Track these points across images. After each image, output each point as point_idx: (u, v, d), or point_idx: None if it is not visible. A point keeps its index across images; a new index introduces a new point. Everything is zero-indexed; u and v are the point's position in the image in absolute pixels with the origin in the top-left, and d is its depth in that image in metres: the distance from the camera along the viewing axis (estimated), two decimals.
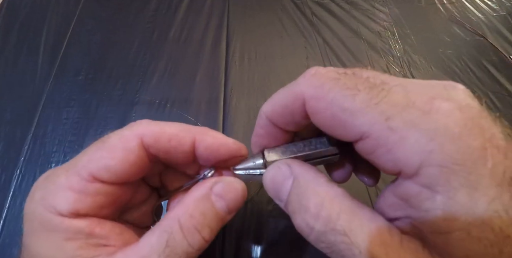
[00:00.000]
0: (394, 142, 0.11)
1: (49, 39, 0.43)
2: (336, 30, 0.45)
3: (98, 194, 0.15)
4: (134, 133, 0.16)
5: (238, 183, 0.17)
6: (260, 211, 0.30)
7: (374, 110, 0.12)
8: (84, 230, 0.14)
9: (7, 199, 0.31)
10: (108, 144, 0.15)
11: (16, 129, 0.35)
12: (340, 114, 0.13)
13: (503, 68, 0.42)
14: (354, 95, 0.12)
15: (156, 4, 0.48)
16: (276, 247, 0.28)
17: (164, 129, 0.16)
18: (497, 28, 0.47)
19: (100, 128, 0.35)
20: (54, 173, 0.16)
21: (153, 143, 0.16)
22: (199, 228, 0.15)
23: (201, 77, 0.40)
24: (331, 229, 0.13)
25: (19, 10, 0.46)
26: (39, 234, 0.14)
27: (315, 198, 0.14)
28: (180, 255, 0.14)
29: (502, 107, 0.38)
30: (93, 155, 0.15)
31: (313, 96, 0.13)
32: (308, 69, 0.15)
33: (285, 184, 0.15)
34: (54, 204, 0.14)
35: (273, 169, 0.16)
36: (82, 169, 0.15)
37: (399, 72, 0.41)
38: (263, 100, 0.39)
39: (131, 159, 0.15)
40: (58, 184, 0.15)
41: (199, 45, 0.43)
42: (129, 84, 0.39)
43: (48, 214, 0.14)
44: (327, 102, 0.13)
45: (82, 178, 0.15)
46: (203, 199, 0.16)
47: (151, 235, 0.15)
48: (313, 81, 0.14)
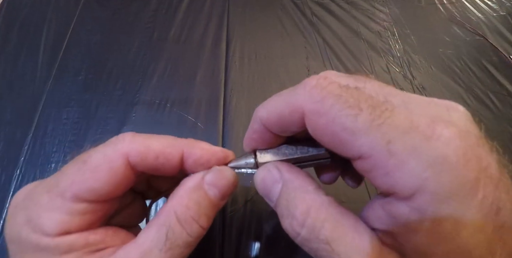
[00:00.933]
0: (393, 166, 0.11)
1: (49, 39, 0.43)
2: (336, 30, 0.45)
3: (86, 213, 0.15)
4: (118, 152, 0.15)
5: (228, 170, 0.17)
6: (260, 211, 0.30)
7: (376, 132, 0.12)
8: (77, 242, 0.14)
9: (7, 199, 0.31)
10: (91, 165, 0.15)
11: (16, 129, 0.35)
12: (341, 133, 0.12)
13: (503, 68, 0.42)
14: (356, 115, 0.12)
15: (156, 4, 0.48)
16: (276, 246, 0.28)
17: (150, 146, 0.15)
18: (497, 28, 0.47)
19: (100, 128, 0.35)
20: (35, 192, 0.15)
21: (140, 161, 0.15)
22: (196, 217, 0.15)
23: (201, 77, 0.40)
24: (315, 237, 0.13)
25: (19, 10, 0.46)
26: (32, 255, 0.14)
27: (302, 205, 0.14)
28: (181, 246, 0.15)
29: (502, 107, 0.38)
30: (75, 176, 0.15)
31: (313, 112, 0.13)
32: (308, 79, 0.14)
33: (275, 187, 0.15)
34: (40, 226, 0.14)
35: (264, 172, 0.16)
36: (66, 191, 0.14)
37: (399, 72, 0.41)
38: (263, 100, 0.39)
39: (117, 179, 0.15)
40: (41, 204, 0.14)
41: (199, 45, 0.43)
42: (129, 84, 0.39)
43: (35, 235, 0.14)
44: (328, 120, 0.13)
45: (66, 199, 0.14)
46: (196, 189, 0.16)
47: (150, 230, 0.15)
48: (313, 95, 0.13)
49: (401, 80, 0.41)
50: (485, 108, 0.38)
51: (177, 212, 0.15)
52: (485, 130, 0.13)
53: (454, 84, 0.40)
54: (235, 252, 0.28)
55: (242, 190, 0.31)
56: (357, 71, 0.41)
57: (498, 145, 0.13)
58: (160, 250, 0.14)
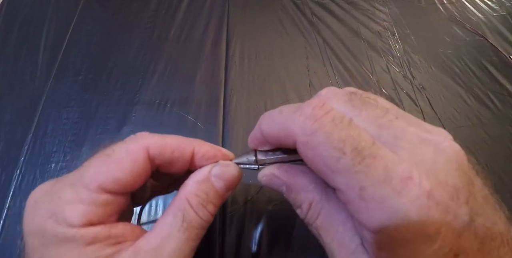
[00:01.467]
0: (361, 207, 0.13)
1: (49, 39, 0.43)
2: (336, 30, 0.45)
3: (107, 204, 0.16)
4: (140, 145, 0.17)
5: (232, 165, 0.19)
6: (260, 211, 0.30)
7: (352, 177, 0.13)
8: (100, 234, 0.15)
9: (7, 199, 0.31)
10: (115, 157, 0.16)
11: (16, 129, 0.35)
12: (323, 168, 0.14)
13: (503, 68, 0.42)
14: (339, 158, 0.13)
15: (156, 4, 0.48)
16: (276, 246, 0.28)
17: (168, 141, 0.18)
18: (497, 28, 0.47)
19: (100, 128, 0.35)
20: (56, 187, 0.16)
21: (158, 154, 0.17)
22: (204, 204, 0.17)
23: (201, 77, 0.40)
24: (311, 224, 0.17)
25: (19, 10, 0.46)
26: (57, 246, 0.15)
27: (305, 203, 0.17)
28: (196, 227, 0.17)
29: (502, 107, 0.38)
30: (101, 168, 0.16)
31: (303, 144, 0.14)
32: (305, 106, 0.14)
33: (281, 189, 0.18)
34: (65, 218, 0.15)
35: (266, 179, 0.18)
36: (91, 182, 0.15)
37: (399, 72, 0.41)
38: (263, 100, 0.39)
39: (138, 170, 0.16)
40: (65, 198, 0.15)
41: (199, 45, 0.43)
42: (129, 84, 0.39)
43: (60, 227, 0.15)
44: (314, 154, 0.14)
45: (91, 191, 0.15)
46: (204, 181, 0.18)
47: (166, 218, 0.17)
48: (305, 127, 0.14)
49: (401, 80, 0.41)
50: (485, 108, 0.38)
51: (188, 199, 0.17)
52: (485, 130, 0.14)
53: (454, 84, 0.40)
54: (235, 252, 0.28)
55: (242, 190, 0.31)
56: (357, 71, 0.41)
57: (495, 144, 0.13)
58: (179, 230, 0.16)
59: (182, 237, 0.16)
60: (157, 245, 0.16)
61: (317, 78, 0.40)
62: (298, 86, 0.39)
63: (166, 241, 0.16)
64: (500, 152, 0.34)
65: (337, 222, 0.16)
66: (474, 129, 0.36)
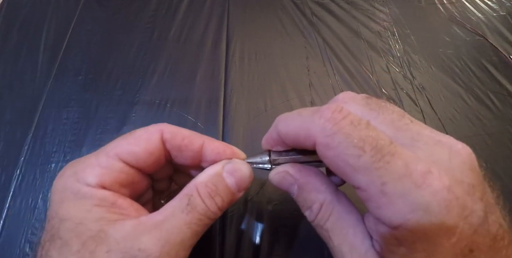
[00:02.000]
0: (383, 203, 0.13)
1: (49, 39, 0.43)
2: (336, 30, 0.45)
3: (121, 172, 0.18)
4: (156, 128, 0.19)
5: (245, 164, 0.19)
6: (260, 211, 0.30)
7: (373, 173, 0.13)
8: (109, 198, 0.17)
9: (7, 199, 0.31)
10: (135, 134, 0.19)
11: (16, 129, 0.35)
12: (344, 167, 0.14)
13: (503, 68, 0.42)
14: (359, 156, 0.14)
15: (156, 4, 0.48)
16: (276, 246, 0.28)
17: (180, 130, 0.19)
18: (497, 28, 0.47)
19: (100, 128, 0.35)
20: (85, 157, 0.19)
21: (170, 138, 0.19)
22: (213, 195, 0.18)
23: (201, 77, 0.40)
24: (321, 226, 0.17)
25: (19, 10, 0.46)
26: (70, 201, 0.17)
27: (316, 204, 0.17)
28: (201, 213, 0.17)
29: (502, 107, 0.38)
30: (121, 141, 0.18)
31: (323, 144, 0.15)
32: (325, 110, 0.15)
33: (292, 188, 0.18)
34: (83, 177, 0.17)
35: (279, 177, 0.19)
36: (110, 150, 0.18)
37: (399, 72, 0.41)
38: (263, 100, 0.39)
39: (151, 147, 0.18)
40: (88, 162, 0.18)
41: (199, 45, 0.43)
42: (129, 84, 0.39)
43: (78, 184, 0.17)
44: (334, 154, 0.14)
45: (109, 157, 0.18)
46: (215, 174, 0.18)
47: (172, 201, 0.18)
48: (326, 129, 0.15)
49: (401, 80, 0.41)
50: (485, 108, 0.38)
51: (197, 187, 0.18)
52: (485, 130, 0.14)
53: (454, 84, 0.40)
54: (235, 252, 0.28)
55: None
56: (357, 71, 0.41)
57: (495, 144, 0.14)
58: (182, 212, 0.17)
59: (185, 218, 0.17)
60: (158, 221, 0.16)
61: (317, 78, 0.40)
62: (298, 86, 0.39)
63: (167, 219, 0.16)
64: (500, 152, 0.34)
65: (348, 224, 0.16)
66: (474, 129, 0.36)
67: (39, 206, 0.30)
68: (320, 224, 0.17)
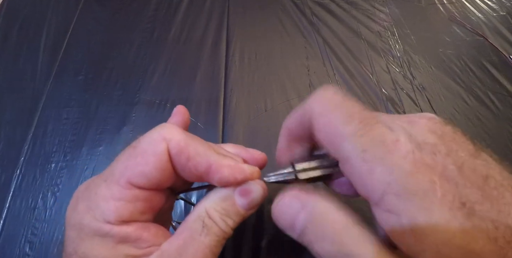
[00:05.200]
0: (364, 172, 0.14)
1: (49, 39, 0.43)
2: (336, 30, 0.45)
3: (137, 200, 0.16)
4: (161, 136, 0.17)
5: (258, 185, 0.18)
6: (260, 211, 0.30)
7: (357, 140, 0.15)
8: (132, 235, 0.16)
9: (7, 199, 0.31)
10: (140, 149, 0.17)
11: (16, 129, 0.35)
12: (332, 134, 0.16)
13: (503, 68, 0.42)
14: (347, 122, 0.15)
15: (156, 4, 0.48)
16: (276, 246, 0.28)
17: (186, 144, 0.17)
18: (497, 28, 0.47)
19: (100, 128, 0.35)
20: (94, 183, 0.17)
21: (175, 155, 0.17)
22: (224, 218, 0.17)
23: (201, 77, 0.40)
24: (345, 254, 0.14)
25: (19, 10, 0.46)
26: (91, 240, 0.16)
27: (333, 227, 0.15)
28: (217, 234, 0.17)
29: (502, 107, 0.38)
30: (128, 161, 0.17)
31: (318, 113, 0.16)
32: (318, 90, 0.17)
33: (299, 217, 0.16)
34: (100, 214, 0.16)
35: (283, 204, 0.17)
36: (120, 177, 0.16)
37: (399, 72, 0.41)
38: (263, 100, 0.39)
39: (162, 163, 0.16)
40: (100, 194, 0.16)
41: (199, 45, 0.43)
42: (129, 84, 0.39)
43: (97, 223, 0.16)
44: (326, 121, 0.16)
45: (121, 186, 0.16)
46: (226, 198, 0.18)
47: (187, 223, 0.17)
48: (322, 99, 0.17)
49: (401, 80, 0.41)
50: (485, 108, 0.38)
51: (208, 211, 0.17)
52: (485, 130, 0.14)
53: (454, 84, 0.40)
54: (235, 252, 0.28)
55: None
56: (357, 71, 0.41)
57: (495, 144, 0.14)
58: (199, 234, 0.16)
59: (204, 241, 0.16)
60: (179, 246, 0.16)
61: (317, 78, 0.40)
62: (298, 86, 0.39)
63: (189, 243, 0.16)
64: (500, 152, 0.34)
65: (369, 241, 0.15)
66: (474, 129, 0.36)
67: (39, 206, 0.30)
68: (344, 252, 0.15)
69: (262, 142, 0.34)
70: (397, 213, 0.13)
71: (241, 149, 0.21)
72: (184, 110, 0.23)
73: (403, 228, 0.13)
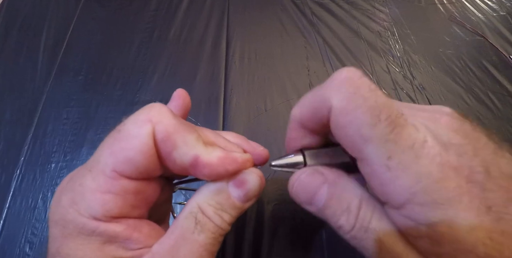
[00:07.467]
0: (387, 178, 0.13)
1: (49, 39, 0.43)
2: (336, 30, 0.45)
3: (126, 193, 0.14)
4: (146, 117, 0.14)
5: (254, 173, 0.16)
6: (260, 211, 0.30)
7: (382, 145, 0.13)
8: (122, 234, 0.14)
9: (7, 199, 0.31)
10: (124, 133, 0.14)
11: (16, 129, 0.35)
12: (354, 136, 0.13)
13: (503, 68, 0.42)
14: (374, 125, 0.13)
15: (156, 4, 0.48)
16: (276, 246, 0.28)
17: (173, 131, 0.14)
18: (497, 28, 0.47)
19: (100, 128, 0.35)
20: (78, 173, 0.15)
21: (160, 141, 0.14)
22: (219, 213, 0.16)
23: (201, 77, 0.40)
24: (366, 227, 0.14)
25: (19, 10, 0.46)
26: (75, 239, 0.14)
27: (355, 200, 0.15)
28: (212, 231, 0.15)
29: (502, 107, 0.38)
30: (112, 146, 0.14)
31: (339, 109, 0.14)
32: (336, 73, 0.14)
33: (321, 190, 0.15)
34: (86, 208, 0.14)
35: (305, 176, 0.16)
36: (106, 166, 0.14)
37: (399, 72, 0.41)
38: (263, 100, 0.39)
39: (147, 147, 0.14)
40: (85, 185, 0.14)
41: (199, 45, 0.43)
42: (129, 84, 0.39)
43: (82, 218, 0.14)
44: (349, 120, 0.13)
45: (107, 177, 0.14)
46: (219, 191, 0.16)
47: (178, 220, 0.15)
48: (342, 89, 0.14)
49: (401, 80, 0.41)
50: (485, 108, 0.38)
51: (201, 207, 0.15)
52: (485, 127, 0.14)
53: (454, 84, 0.40)
54: (235, 252, 0.28)
55: None
56: None
57: None
58: (192, 233, 0.15)
59: (197, 239, 0.15)
60: (171, 247, 0.15)
61: (317, 78, 0.40)
62: (298, 86, 0.39)
63: (181, 243, 0.15)
64: None
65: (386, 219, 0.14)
66: None
67: (39, 206, 0.30)
68: (364, 225, 0.14)
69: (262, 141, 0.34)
70: (418, 221, 0.12)
71: (242, 140, 0.20)
72: (184, 94, 0.20)
73: (420, 233, 0.12)
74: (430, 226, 0.12)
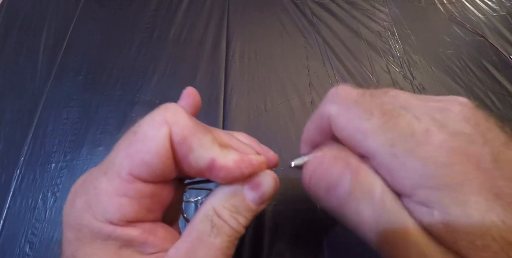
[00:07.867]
0: (394, 166, 0.13)
1: (49, 39, 0.43)
2: (336, 30, 0.45)
3: (142, 196, 0.14)
4: (162, 118, 0.14)
5: (269, 176, 0.16)
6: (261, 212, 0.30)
7: (382, 135, 0.14)
8: (137, 239, 0.14)
9: (7, 199, 0.31)
10: (140, 135, 0.14)
11: (16, 129, 0.35)
12: (355, 133, 0.15)
13: (503, 68, 0.42)
14: (368, 118, 0.14)
15: (156, 4, 0.48)
16: (276, 246, 0.28)
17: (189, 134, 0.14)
18: (497, 28, 0.47)
19: (100, 128, 0.35)
20: (92, 176, 0.15)
21: (177, 143, 0.14)
22: (234, 216, 0.16)
23: (201, 77, 0.40)
24: (388, 211, 0.14)
25: (19, 10, 0.46)
26: (91, 243, 0.14)
27: (378, 187, 0.14)
28: (228, 234, 0.15)
29: (502, 107, 0.38)
30: (128, 149, 0.14)
31: (335, 114, 0.15)
32: (329, 91, 0.17)
33: (343, 178, 0.15)
34: (102, 212, 0.14)
35: (327, 163, 0.16)
36: (121, 168, 0.14)
37: (399, 72, 0.41)
38: (263, 100, 0.39)
39: (164, 150, 0.14)
40: (100, 188, 0.14)
41: (199, 45, 0.43)
42: (129, 84, 0.39)
43: (97, 223, 0.14)
44: (346, 120, 0.15)
45: (123, 180, 0.14)
46: (234, 194, 0.16)
47: (193, 223, 0.15)
48: (335, 100, 0.16)
49: (401, 80, 0.41)
50: (485, 108, 0.38)
51: (216, 209, 0.15)
52: None
53: (454, 84, 0.40)
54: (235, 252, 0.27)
55: None
56: (357, 71, 0.41)
57: None
58: (209, 236, 0.15)
59: (214, 242, 0.15)
60: (188, 250, 0.14)
61: (317, 78, 0.40)
62: (298, 86, 0.39)
63: (198, 246, 0.14)
64: None
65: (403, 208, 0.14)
66: None
67: (39, 206, 0.30)
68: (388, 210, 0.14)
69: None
70: (430, 205, 0.13)
71: (254, 142, 0.20)
72: (194, 92, 0.20)
73: (435, 219, 0.13)
74: (443, 210, 0.12)
